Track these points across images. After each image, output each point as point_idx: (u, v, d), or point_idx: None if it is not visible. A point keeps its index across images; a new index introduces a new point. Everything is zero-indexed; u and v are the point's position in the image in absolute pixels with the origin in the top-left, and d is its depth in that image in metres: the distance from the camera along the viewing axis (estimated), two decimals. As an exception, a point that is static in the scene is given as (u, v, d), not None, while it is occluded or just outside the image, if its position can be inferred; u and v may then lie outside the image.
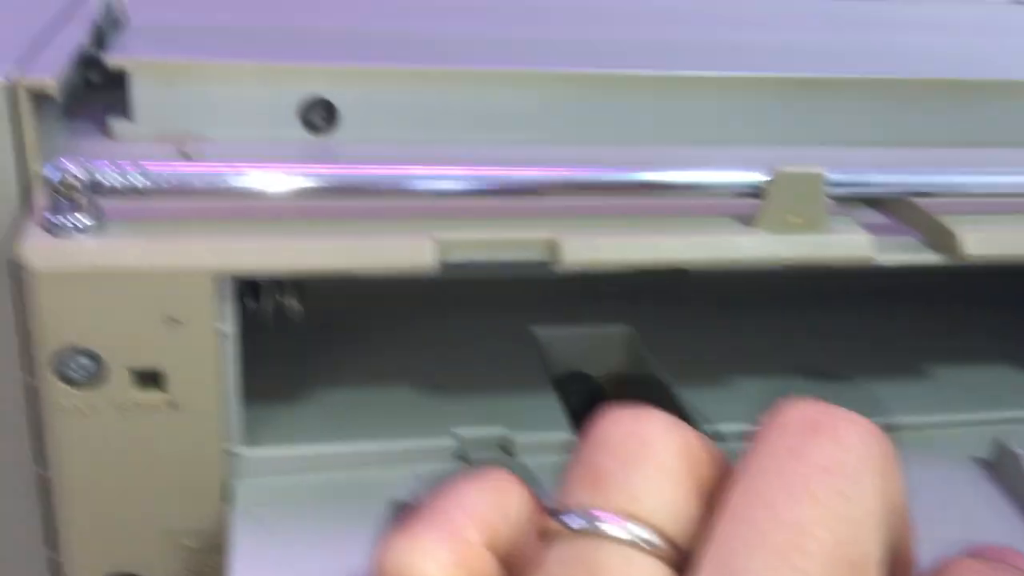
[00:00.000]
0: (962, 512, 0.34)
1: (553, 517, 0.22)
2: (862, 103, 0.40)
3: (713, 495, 0.24)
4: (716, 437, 0.37)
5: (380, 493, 0.32)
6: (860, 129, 0.40)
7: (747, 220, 0.33)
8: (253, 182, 0.29)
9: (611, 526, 0.22)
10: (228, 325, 0.30)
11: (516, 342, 0.41)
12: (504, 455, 0.34)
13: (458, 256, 0.31)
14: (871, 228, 0.36)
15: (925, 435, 0.38)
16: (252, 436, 0.32)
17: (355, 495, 0.32)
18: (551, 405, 0.37)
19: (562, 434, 0.35)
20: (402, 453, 0.33)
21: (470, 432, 0.34)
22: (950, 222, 0.34)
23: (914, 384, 0.41)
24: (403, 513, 0.29)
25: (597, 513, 0.22)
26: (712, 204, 0.34)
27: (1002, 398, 0.40)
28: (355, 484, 0.32)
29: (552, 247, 0.31)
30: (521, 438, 0.34)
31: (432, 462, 0.33)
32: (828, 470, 0.21)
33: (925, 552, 0.28)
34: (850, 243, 0.33)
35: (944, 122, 0.41)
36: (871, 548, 0.21)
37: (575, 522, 0.22)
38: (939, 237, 0.35)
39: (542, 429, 0.35)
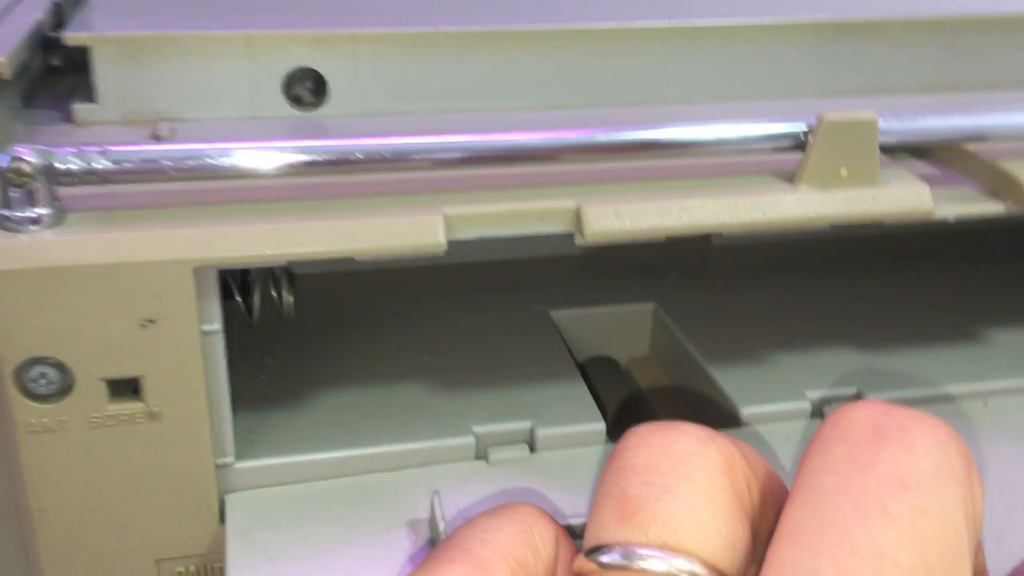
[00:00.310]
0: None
1: (587, 555, 0.19)
2: (900, 47, 0.37)
3: (763, 516, 0.21)
4: (758, 420, 0.35)
5: (393, 504, 0.28)
6: (898, 74, 0.37)
7: (789, 177, 0.30)
8: (236, 160, 0.26)
9: (651, 561, 0.19)
10: (212, 323, 0.26)
11: (534, 328, 0.37)
12: (529, 452, 0.31)
13: (470, 232, 0.27)
14: (924, 179, 0.33)
15: (988, 406, 0.34)
16: (246, 446, 0.29)
17: (365, 507, 0.28)
18: (579, 394, 0.33)
19: (593, 425, 0.32)
20: (416, 455, 0.30)
21: (491, 428, 0.31)
22: (1012, 168, 0.31)
23: (969, 350, 0.37)
24: (430, 547, 0.26)
25: (634, 548, 0.19)
26: (748, 162, 0.31)
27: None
28: (364, 494, 0.29)
29: (575, 216, 0.27)
30: (547, 432, 0.31)
31: (449, 464, 0.30)
32: (903, 483, 0.18)
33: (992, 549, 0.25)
34: (908, 195, 0.29)
35: (987, 63, 0.37)
36: (960, 569, 0.18)
37: (610, 558, 0.19)
38: (1001, 185, 0.31)
39: (571, 422, 0.31)
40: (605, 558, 0.19)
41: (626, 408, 0.37)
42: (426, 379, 0.33)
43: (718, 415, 0.34)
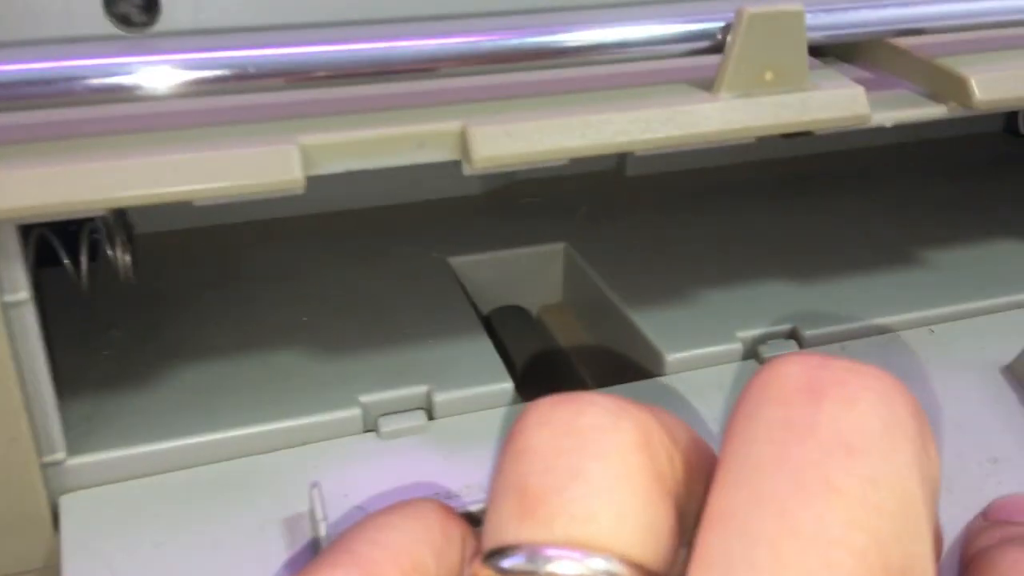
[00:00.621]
0: (983, 433, 0.28)
1: (485, 560, 0.15)
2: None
3: (690, 494, 0.17)
4: (685, 366, 0.31)
5: (266, 497, 0.24)
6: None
7: (707, 84, 0.26)
8: (34, 78, 0.21)
9: (562, 563, 0.15)
10: (17, 293, 0.21)
11: (430, 279, 0.33)
12: (427, 419, 0.26)
13: (334, 164, 0.23)
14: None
15: (935, 333, 0.31)
16: (82, 438, 0.24)
17: (232, 502, 0.24)
18: (482, 350, 0.29)
19: (499, 385, 0.27)
20: (294, 434, 0.25)
21: (381, 396, 0.26)
22: (953, 64, 0.27)
23: (910, 275, 0.34)
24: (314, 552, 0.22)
25: (540, 548, 0.15)
26: (662, 68, 0.27)
27: (1010, 278, 0.33)
28: (231, 485, 0.24)
29: (460, 140, 0.23)
30: (447, 396, 0.27)
31: (333, 441, 0.26)
32: (848, 448, 0.15)
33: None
34: (841, 99, 0.26)
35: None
36: (919, 545, 0.15)
37: (513, 563, 0.15)
38: (942, 84, 0.28)
39: (473, 383, 0.27)
40: (507, 563, 0.15)
41: (538, 363, 0.33)
42: (304, 344, 0.29)
43: (641, 364, 0.30)
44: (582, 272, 0.34)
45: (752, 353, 0.30)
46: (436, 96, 0.24)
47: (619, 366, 0.32)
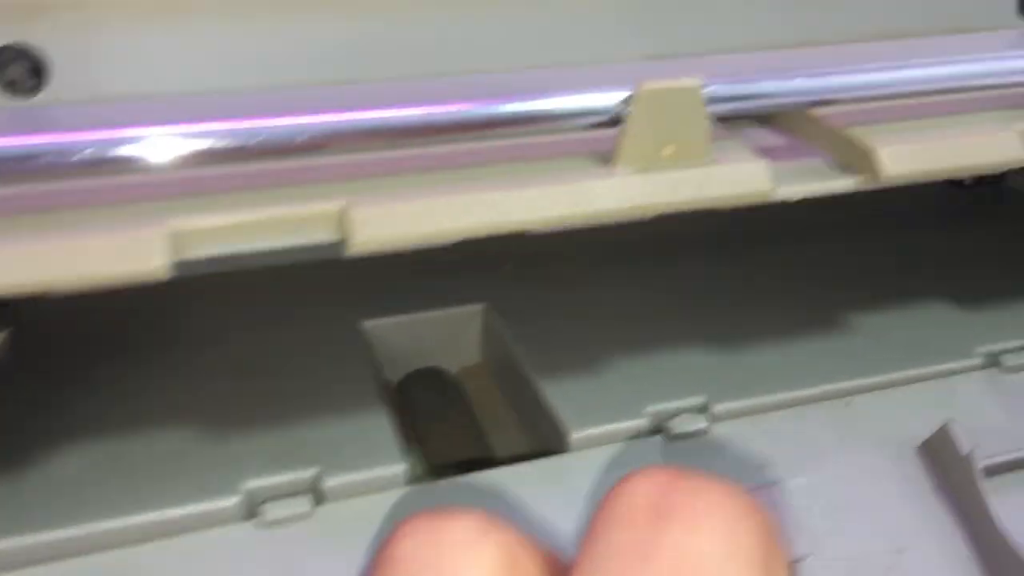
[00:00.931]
0: (891, 520, 0.27)
1: None
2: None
3: None
4: (588, 443, 0.30)
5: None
6: (742, 29, 0.32)
7: (606, 158, 0.25)
8: None
9: None
10: None
11: (338, 345, 0.32)
12: (312, 506, 0.25)
13: (205, 249, 0.22)
14: (766, 152, 0.28)
15: (851, 406, 0.30)
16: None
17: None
18: (379, 427, 0.28)
19: (391, 467, 0.26)
20: (167, 525, 0.24)
21: (264, 481, 0.25)
22: (863, 136, 0.27)
23: (829, 343, 0.33)
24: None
25: None
26: (563, 141, 0.26)
27: (935, 345, 0.33)
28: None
29: (340, 222, 0.22)
30: (337, 480, 0.26)
31: (212, 531, 0.24)
32: (688, 573, 0.16)
33: None
34: (742, 175, 0.25)
35: (841, 11, 0.33)
36: None
37: None
38: (852, 156, 0.27)
39: (367, 464, 0.26)
40: None
41: (448, 432, 0.32)
42: (191, 422, 0.28)
43: (548, 437, 0.29)
44: (499, 336, 0.34)
45: (659, 428, 0.29)
46: (318, 172, 0.23)
47: (530, 436, 0.31)
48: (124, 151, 0.22)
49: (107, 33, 0.26)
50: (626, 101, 0.24)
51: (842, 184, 0.26)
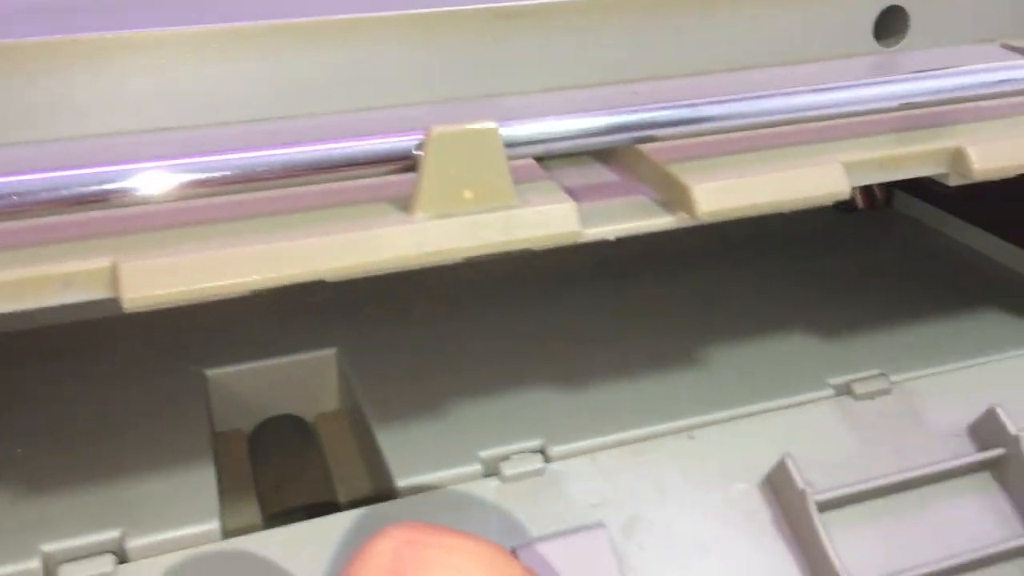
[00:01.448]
0: (729, 558, 0.27)
1: None
2: (580, 34, 0.32)
3: None
4: (416, 490, 0.29)
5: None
6: (587, 65, 0.32)
7: (405, 204, 0.24)
8: None
9: None
10: None
11: (176, 396, 0.31)
12: (114, 566, 0.24)
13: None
14: (591, 190, 0.28)
15: (695, 439, 0.30)
16: None
17: None
18: (200, 482, 0.27)
19: (204, 525, 0.26)
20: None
21: (65, 544, 0.25)
22: (681, 172, 0.26)
23: (674, 379, 0.33)
24: None
25: None
26: (365, 186, 0.25)
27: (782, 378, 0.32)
28: None
29: (111, 278, 0.21)
30: (143, 540, 0.25)
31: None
32: None
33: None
34: (548, 218, 0.24)
35: (683, 45, 0.33)
36: None
37: None
38: (673, 193, 0.27)
39: (177, 522, 0.25)
40: None
41: (296, 479, 0.31)
42: (3, 483, 0.27)
43: (384, 483, 0.29)
44: (348, 381, 0.33)
45: (494, 471, 0.28)
46: (94, 226, 0.23)
47: (373, 483, 0.31)
48: None
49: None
50: (419, 146, 0.24)
51: (656, 223, 0.26)
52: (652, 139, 0.27)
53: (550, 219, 0.24)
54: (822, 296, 0.38)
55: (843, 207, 0.46)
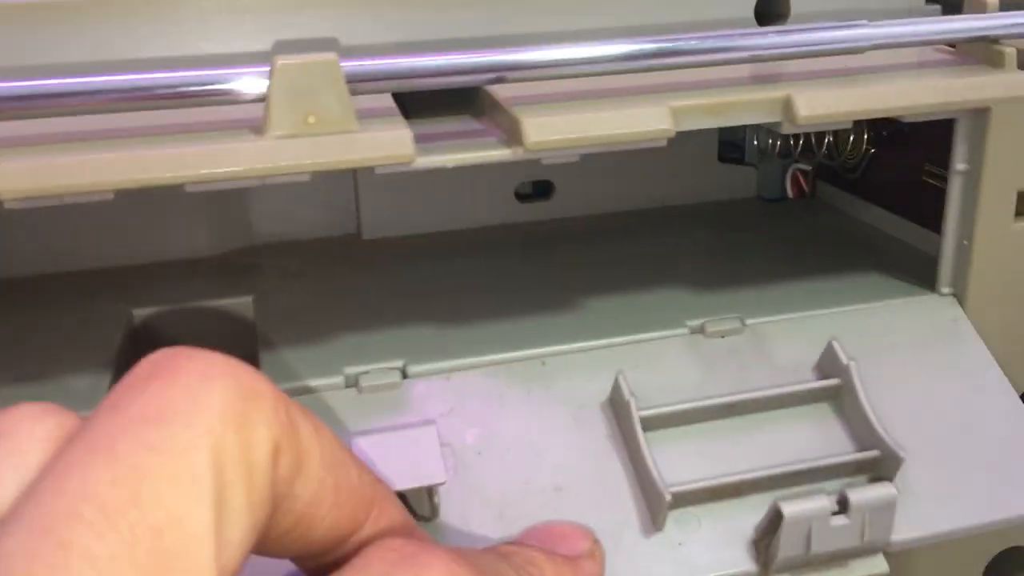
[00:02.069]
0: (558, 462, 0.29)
1: None
2: None
3: None
4: (295, 393, 0.32)
5: None
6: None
7: (259, 129, 0.28)
8: None
9: None
10: None
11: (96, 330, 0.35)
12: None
13: None
14: (446, 132, 0.31)
15: (546, 364, 0.32)
16: None
17: None
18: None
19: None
20: None
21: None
22: (519, 109, 0.29)
23: (549, 317, 0.35)
24: None
25: None
26: (225, 119, 0.29)
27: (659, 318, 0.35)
28: None
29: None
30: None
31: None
32: (145, 420, 0.17)
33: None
34: (383, 141, 0.28)
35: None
36: (192, 510, 0.17)
37: None
38: (510, 129, 0.30)
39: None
40: None
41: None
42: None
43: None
44: (257, 322, 0.37)
45: (354, 383, 0.31)
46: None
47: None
48: None
49: None
50: (268, 75, 0.27)
51: (489, 155, 0.29)
52: (501, 80, 0.30)
53: (384, 143, 0.28)
54: (710, 262, 0.40)
55: (770, 197, 0.48)
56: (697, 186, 0.48)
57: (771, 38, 0.31)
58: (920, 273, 0.37)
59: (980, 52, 0.34)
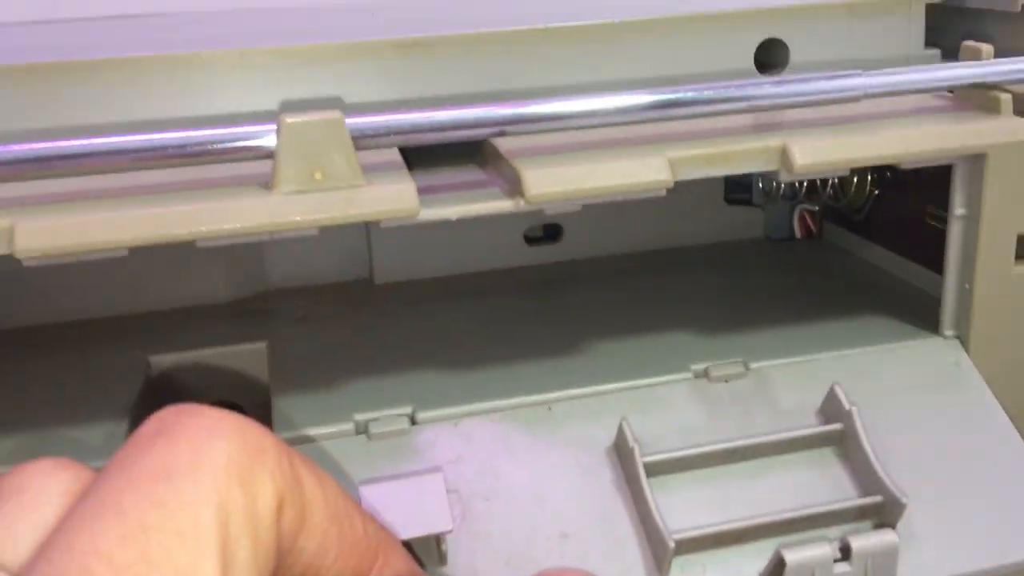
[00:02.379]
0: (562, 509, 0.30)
1: None
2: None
3: None
4: (302, 441, 0.33)
5: None
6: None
7: (268, 185, 0.29)
8: None
9: None
10: None
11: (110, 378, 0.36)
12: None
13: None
14: (449, 183, 0.32)
15: (552, 410, 0.33)
16: None
17: None
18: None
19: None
20: None
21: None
22: (520, 162, 0.30)
23: (555, 361, 0.36)
24: None
25: None
26: (235, 175, 0.30)
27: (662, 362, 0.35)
28: None
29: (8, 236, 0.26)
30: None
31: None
32: (151, 477, 0.18)
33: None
34: (387, 196, 0.28)
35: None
36: (199, 564, 0.17)
37: None
38: (511, 180, 0.30)
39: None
40: None
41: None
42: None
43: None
44: (271, 367, 0.37)
45: (364, 430, 0.32)
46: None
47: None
48: None
49: None
50: (276, 133, 0.28)
51: (492, 207, 0.30)
52: (503, 133, 0.31)
53: (388, 198, 0.28)
54: (716, 304, 0.40)
55: (778, 237, 0.49)
56: (705, 227, 0.48)
57: (768, 89, 0.32)
58: (924, 315, 0.37)
59: (976, 98, 0.34)
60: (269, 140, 0.28)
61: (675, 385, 0.34)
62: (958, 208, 0.34)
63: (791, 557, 0.28)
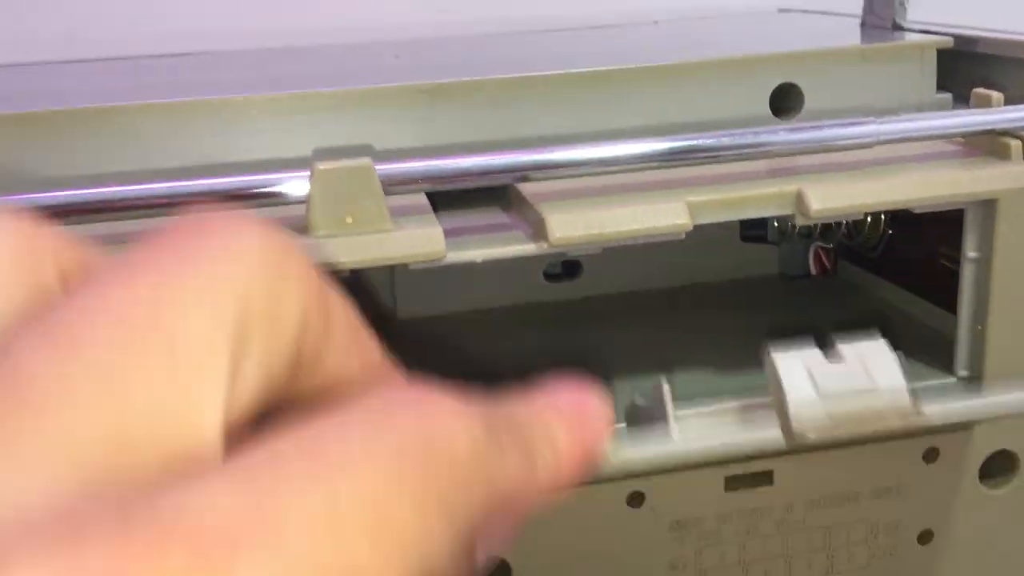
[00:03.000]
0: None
1: None
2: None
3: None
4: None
5: None
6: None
7: (302, 229, 0.30)
8: None
9: None
10: None
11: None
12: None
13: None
14: (475, 226, 0.33)
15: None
16: None
17: None
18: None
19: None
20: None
21: None
22: (545, 206, 0.31)
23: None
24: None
25: None
26: (275, 220, 0.31)
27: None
28: None
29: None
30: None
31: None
32: (172, 257, 0.15)
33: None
34: (416, 239, 0.30)
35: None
36: (211, 333, 0.14)
37: None
38: (535, 224, 0.31)
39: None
40: None
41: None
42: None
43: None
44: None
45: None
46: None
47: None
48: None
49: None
50: (310, 180, 0.29)
51: (516, 249, 0.31)
52: (526, 179, 0.32)
53: (417, 241, 0.30)
54: (732, 342, 0.41)
55: (793, 275, 0.50)
56: (722, 264, 0.49)
57: (783, 136, 0.33)
58: (938, 354, 0.38)
59: (987, 144, 0.35)
60: (302, 187, 0.30)
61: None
62: (970, 251, 0.35)
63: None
